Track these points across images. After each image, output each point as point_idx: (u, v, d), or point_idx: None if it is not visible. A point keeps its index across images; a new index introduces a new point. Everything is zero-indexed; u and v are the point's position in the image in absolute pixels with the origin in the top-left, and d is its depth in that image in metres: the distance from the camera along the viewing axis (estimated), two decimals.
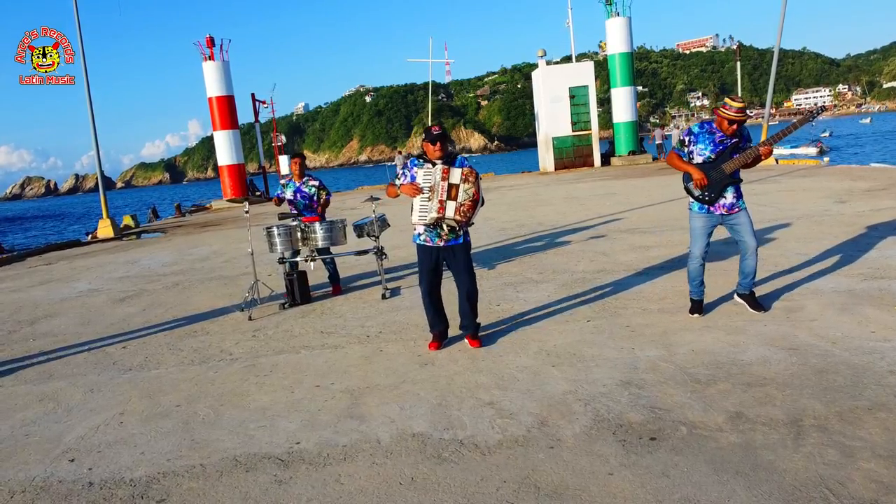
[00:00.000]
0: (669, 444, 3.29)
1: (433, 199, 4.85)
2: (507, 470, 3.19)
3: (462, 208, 4.81)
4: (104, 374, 5.54)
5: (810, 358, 4.24)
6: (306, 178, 7.71)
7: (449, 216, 4.84)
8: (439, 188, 4.84)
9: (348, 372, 4.89)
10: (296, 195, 7.65)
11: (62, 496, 3.41)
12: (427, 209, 4.89)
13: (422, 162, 5.00)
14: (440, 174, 4.84)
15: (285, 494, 3.19)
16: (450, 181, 4.82)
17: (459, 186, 4.80)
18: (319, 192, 7.72)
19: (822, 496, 2.71)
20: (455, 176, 4.82)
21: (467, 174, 4.81)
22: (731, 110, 4.96)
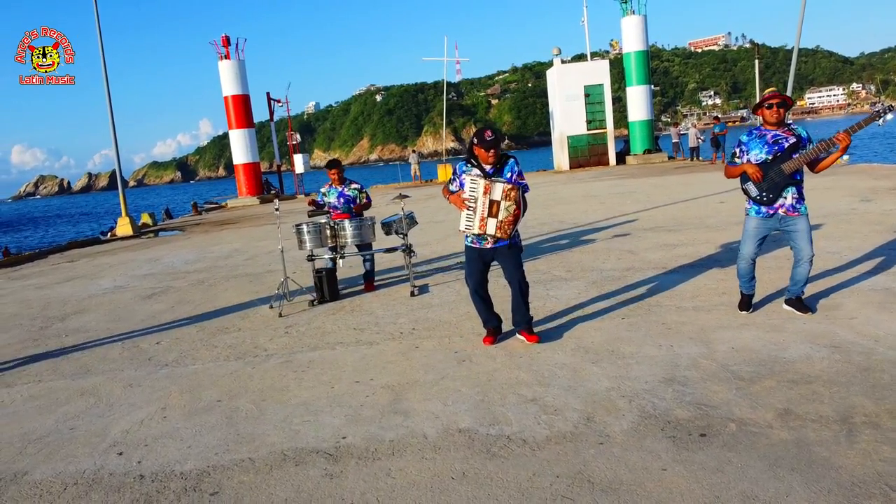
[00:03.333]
0: (720, 440, 3.28)
1: (476, 213, 4.86)
2: (558, 465, 3.20)
3: (503, 225, 4.81)
4: (141, 369, 5.59)
5: (854, 356, 4.21)
6: (348, 182, 7.86)
7: (490, 232, 4.86)
8: (480, 204, 4.84)
9: (386, 368, 4.91)
10: (339, 199, 7.78)
11: (115, 489, 3.45)
12: (472, 221, 4.90)
13: (470, 167, 4.97)
14: (482, 190, 4.84)
15: (338, 488, 3.21)
16: (491, 197, 4.81)
17: (500, 203, 4.79)
18: (360, 194, 7.85)
19: (882, 492, 2.70)
20: (497, 192, 4.80)
21: (508, 191, 4.78)
22: (765, 95, 4.98)
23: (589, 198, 16.36)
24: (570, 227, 11.47)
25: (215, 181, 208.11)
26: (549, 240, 10.27)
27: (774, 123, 5.04)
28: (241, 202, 31.03)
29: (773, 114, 5.00)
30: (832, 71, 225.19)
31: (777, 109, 4.99)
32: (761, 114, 5.09)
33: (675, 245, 8.61)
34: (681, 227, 10.18)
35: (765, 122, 5.11)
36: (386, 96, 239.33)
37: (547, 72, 32.58)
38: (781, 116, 5.05)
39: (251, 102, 32.00)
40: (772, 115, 5.00)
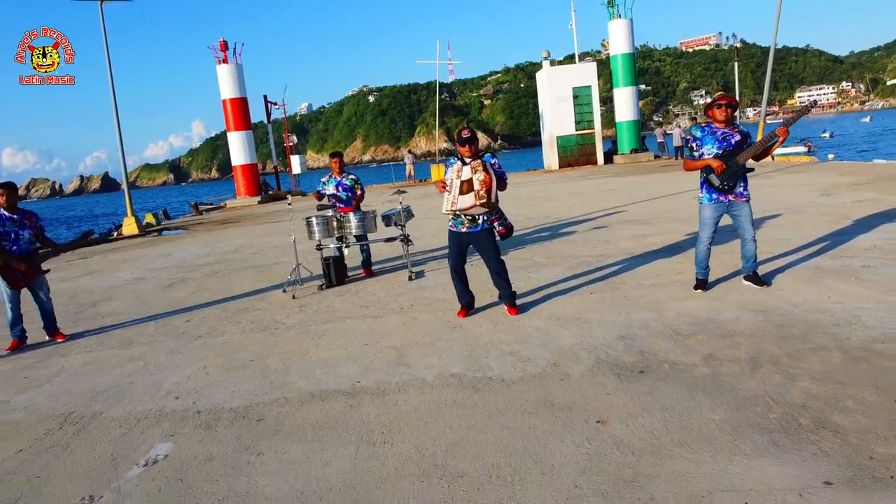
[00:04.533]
0: (654, 375, 4.21)
1: (451, 194, 5.76)
2: (527, 394, 4.12)
3: (479, 194, 5.67)
4: (178, 340, 6.49)
5: (774, 317, 5.15)
6: (346, 173, 8.70)
7: (463, 207, 5.70)
8: (454, 185, 5.74)
9: (390, 334, 5.83)
10: (338, 188, 8.64)
11: (179, 419, 4.36)
12: (446, 202, 5.80)
13: (454, 160, 5.90)
14: (455, 172, 5.75)
15: (357, 413, 4.12)
16: (461, 178, 5.72)
17: (472, 179, 5.68)
18: (356, 185, 8.68)
19: (764, 402, 3.64)
20: (466, 172, 5.71)
21: (475, 166, 5.69)
22: (716, 98, 5.91)
23: (574, 195, 17.31)
24: (554, 221, 12.41)
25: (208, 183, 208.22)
26: (534, 232, 11.20)
27: (723, 122, 5.95)
28: (241, 202, 31.86)
29: (722, 113, 5.91)
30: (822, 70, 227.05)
31: (725, 109, 5.92)
32: (712, 114, 6.00)
33: (647, 235, 9.55)
34: (654, 220, 11.12)
35: (715, 121, 6.02)
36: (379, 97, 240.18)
37: (537, 74, 33.56)
38: (729, 116, 5.96)
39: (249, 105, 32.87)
40: (721, 114, 5.92)
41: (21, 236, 6.71)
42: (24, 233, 6.73)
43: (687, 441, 3.31)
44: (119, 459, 3.84)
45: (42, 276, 6.93)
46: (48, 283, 7.05)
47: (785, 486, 2.82)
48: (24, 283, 6.79)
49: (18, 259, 6.67)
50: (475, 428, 3.73)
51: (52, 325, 7.05)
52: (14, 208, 6.72)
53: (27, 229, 6.76)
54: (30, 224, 6.78)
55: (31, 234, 6.80)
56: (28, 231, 6.75)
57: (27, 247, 6.77)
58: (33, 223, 6.83)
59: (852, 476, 2.85)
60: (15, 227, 6.68)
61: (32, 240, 6.83)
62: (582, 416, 3.73)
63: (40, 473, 3.78)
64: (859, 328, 4.68)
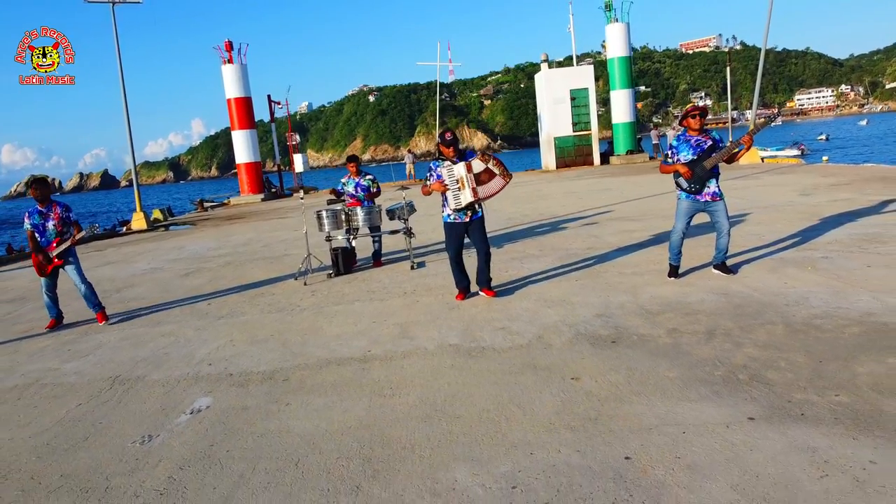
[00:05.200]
0: (624, 344, 4.91)
1: (465, 188, 6.44)
2: (515, 360, 4.81)
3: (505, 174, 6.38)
4: (203, 320, 7.18)
5: (734, 299, 5.85)
6: (363, 173, 9.43)
7: (488, 194, 6.42)
8: (468, 180, 6.43)
9: (395, 314, 6.52)
10: (357, 189, 9.34)
11: (214, 380, 5.05)
12: (460, 196, 6.47)
13: (441, 162, 6.60)
14: (465, 169, 6.43)
15: (366, 374, 4.81)
16: (474, 172, 6.42)
17: (487, 167, 6.38)
18: (373, 184, 9.40)
19: (713, 364, 4.33)
20: (477, 166, 6.41)
21: (482, 157, 6.39)
22: (687, 109, 6.59)
23: (569, 194, 18.01)
24: (548, 218, 13.10)
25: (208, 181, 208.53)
26: (529, 228, 11.90)
27: (697, 130, 6.63)
28: (244, 199, 32.55)
29: (696, 122, 6.59)
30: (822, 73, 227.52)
31: (699, 118, 6.60)
32: (687, 123, 6.67)
33: (633, 230, 10.25)
34: (643, 216, 11.81)
35: (689, 129, 6.71)
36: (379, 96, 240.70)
37: (535, 76, 34.25)
38: (702, 123, 6.64)
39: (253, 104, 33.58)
40: (695, 122, 6.60)
41: (46, 228, 7.34)
42: (49, 224, 7.35)
43: (644, 391, 4.00)
44: (167, 410, 4.54)
45: (72, 265, 7.50)
46: (81, 270, 7.59)
47: (717, 421, 3.51)
48: (50, 270, 7.37)
49: (44, 249, 7.29)
50: (469, 384, 4.42)
51: (94, 306, 7.59)
52: (44, 201, 7.35)
53: (50, 220, 7.36)
54: (53, 216, 7.38)
55: (54, 225, 7.39)
56: (52, 222, 7.37)
57: (51, 238, 7.37)
58: (56, 215, 7.41)
59: (770, 414, 3.54)
60: (42, 220, 7.33)
61: (55, 231, 7.40)
62: (559, 374, 4.43)
63: (101, 420, 4.47)
64: (805, 307, 5.38)
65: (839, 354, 4.30)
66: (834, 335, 4.68)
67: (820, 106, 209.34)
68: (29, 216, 7.32)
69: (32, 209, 7.36)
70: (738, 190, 14.72)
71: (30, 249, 7.48)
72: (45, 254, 7.30)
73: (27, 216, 7.33)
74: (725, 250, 6.79)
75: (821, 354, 4.33)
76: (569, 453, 3.33)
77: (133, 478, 3.55)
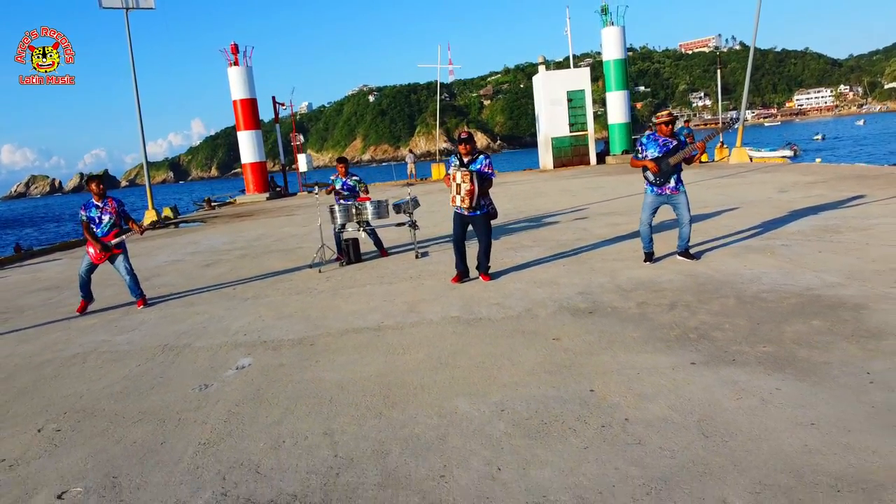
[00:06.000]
0: (599, 314, 5.80)
1: (451, 192, 7.33)
2: (506, 327, 5.70)
3: (464, 197, 7.24)
4: (231, 301, 8.07)
5: (698, 279, 6.74)
6: (350, 174, 10.27)
7: (457, 204, 7.29)
8: (453, 187, 7.31)
9: (403, 294, 7.41)
10: (343, 187, 10.19)
11: (251, 346, 5.93)
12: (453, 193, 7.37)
13: (454, 159, 7.47)
14: (452, 176, 7.29)
15: (381, 339, 5.70)
16: (456, 182, 7.29)
17: (461, 185, 7.26)
18: (359, 184, 10.23)
19: (671, 327, 5.22)
20: (458, 177, 7.26)
21: (464, 175, 7.22)
22: (659, 118, 7.48)
23: (564, 192, 18.90)
24: (542, 213, 13.99)
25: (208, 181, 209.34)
26: (524, 222, 12.78)
27: (667, 133, 7.52)
28: (250, 198, 33.42)
29: (665, 128, 7.49)
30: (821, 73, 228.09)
31: (667, 126, 7.49)
32: (660, 128, 7.57)
33: (620, 224, 11.13)
34: (630, 211, 12.68)
35: (660, 132, 7.60)
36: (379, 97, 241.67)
37: (533, 78, 35.14)
38: (670, 130, 7.53)
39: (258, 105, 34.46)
40: (664, 129, 7.50)
41: (103, 220, 8.23)
42: (105, 217, 8.24)
43: (611, 347, 4.89)
44: (216, 367, 5.42)
45: (120, 255, 8.38)
46: (128, 260, 8.45)
47: (665, 366, 4.40)
48: (105, 259, 8.27)
49: (100, 240, 8.18)
50: (468, 344, 5.31)
51: (136, 293, 8.46)
52: (101, 196, 8.23)
53: (107, 213, 8.26)
54: (110, 209, 8.29)
55: (111, 218, 8.29)
56: (109, 215, 8.26)
57: (107, 230, 8.27)
58: (113, 209, 8.31)
59: (709, 360, 4.43)
60: (99, 213, 8.22)
61: (111, 223, 8.30)
62: (543, 337, 5.31)
63: (161, 376, 5.36)
64: (757, 284, 6.27)
65: (774, 319, 5.19)
66: (775, 305, 5.57)
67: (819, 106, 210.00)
68: (86, 208, 8.19)
69: (89, 202, 8.22)
70: (722, 187, 15.64)
71: (84, 238, 8.38)
72: (102, 244, 8.17)
73: (83, 209, 8.20)
74: (687, 238, 7.68)
75: (760, 319, 5.22)
76: (546, 389, 4.21)
77: (199, 413, 4.44)
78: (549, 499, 2.96)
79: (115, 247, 8.24)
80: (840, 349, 4.42)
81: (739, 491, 2.87)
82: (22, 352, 6.66)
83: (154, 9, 22.76)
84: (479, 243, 7.60)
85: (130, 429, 4.29)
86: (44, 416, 4.69)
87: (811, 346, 4.52)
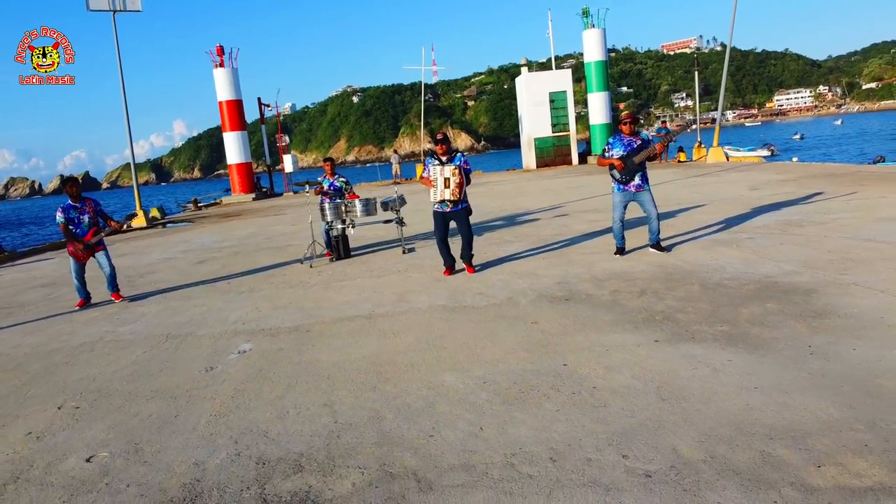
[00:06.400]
0: (575, 301, 6.26)
1: (437, 188, 7.78)
2: (489, 313, 6.15)
3: (454, 190, 7.72)
4: (227, 294, 8.45)
5: (668, 269, 7.23)
6: (337, 175, 10.69)
7: (447, 197, 7.75)
8: (440, 181, 7.76)
9: (392, 285, 7.84)
10: (330, 187, 10.59)
11: (250, 333, 6.34)
12: (435, 193, 7.82)
13: (432, 160, 7.91)
14: (439, 171, 7.75)
15: (372, 325, 6.13)
16: (444, 176, 7.74)
17: (450, 178, 7.72)
18: (346, 186, 10.64)
19: (639, 311, 5.70)
20: (447, 171, 7.72)
21: (453, 170, 7.69)
22: (622, 116, 8.00)
23: (546, 191, 19.40)
24: (525, 211, 14.47)
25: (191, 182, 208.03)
26: (507, 220, 13.25)
27: (628, 133, 8.02)
28: (236, 199, 33.65)
29: (627, 128, 7.99)
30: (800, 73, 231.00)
31: (629, 125, 7.99)
32: (622, 128, 8.07)
33: (597, 220, 11.63)
34: (609, 209, 13.08)
35: (623, 133, 8.09)
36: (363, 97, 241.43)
37: (516, 79, 35.69)
38: (632, 129, 8.03)
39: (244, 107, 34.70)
40: (627, 128, 7.99)
41: (82, 220, 8.56)
42: (84, 217, 8.57)
43: (584, 329, 5.36)
44: (219, 352, 5.82)
45: (102, 250, 8.73)
46: (108, 255, 8.82)
47: (631, 343, 4.87)
48: (88, 257, 8.60)
49: (81, 239, 8.51)
50: (454, 329, 5.76)
51: (113, 287, 8.84)
52: (77, 198, 8.55)
53: (86, 214, 8.58)
54: (88, 210, 8.60)
55: (90, 218, 8.60)
56: (87, 215, 8.57)
57: (86, 229, 8.59)
58: (91, 209, 8.63)
59: (671, 338, 4.91)
60: (77, 214, 8.55)
61: (90, 223, 8.61)
62: (523, 321, 5.77)
63: (168, 360, 5.75)
64: (721, 273, 6.77)
65: (733, 302, 5.69)
66: (735, 291, 6.07)
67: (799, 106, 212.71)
68: (63, 211, 8.50)
69: (66, 205, 8.54)
70: (697, 186, 16.22)
71: (65, 240, 8.73)
72: (84, 243, 8.50)
73: (61, 211, 8.49)
74: (657, 231, 8.19)
75: (720, 303, 5.72)
76: (524, 364, 4.67)
77: (207, 390, 4.85)
78: (524, 450, 3.41)
79: (97, 244, 8.59)
80: (788, 327, 4.92)
81: (688, 440, 3.34)
82: (29, 342, 7.01)
83: (141, 11, 22.98)
84: (462, 237, 8.05)
85: (145, 405, 4.68)
86: (61, 397, 5.07)
87: (763, 325, 5.01)
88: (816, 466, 3.00)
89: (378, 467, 3.39)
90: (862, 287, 5.75)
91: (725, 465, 3.08)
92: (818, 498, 2.77)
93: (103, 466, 3.75)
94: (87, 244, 8.53)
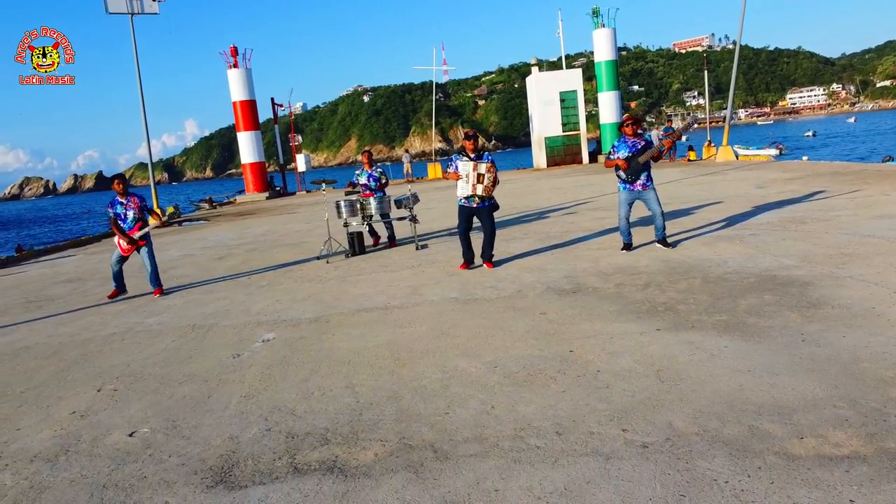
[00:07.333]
0: (582, 293, 6.56)
1: (468, 182, 8.07)
2: (499, 304, 6.46)
3: (487, 187, 8.02)
4: (248, 288, 8.80)
5: (671, 264, 7.51)
6: (375, 165, 11.09)
7: (479, 193, 8.05)
8: (472, 176, 8.06)
9: (406, 280, 8.16)
10: (369, 179, 10.98)
11: (273, 323, 6.68)
12: (465, 188, 8.10)
13: (461, 156, 8.21)
14: (472, 167, 8.06)
15: (389, 316, 6.45)
16: (478, 172, 8.05)
17: (484, 175, 8.02)
18: (382, 175, 11.06)
19: (643, 302, 5.98)
20: (481, 168, 8.03)
21: (488, 167, 8.01)
22: (624, 119, 8.29)
23: (555, 189, 19.68)
24: (534, 209, 14.76)
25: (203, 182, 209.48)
26: (517, 217, 13.55)
27: (631, 134, 8.30)
28: (250, 198, 34.13)
29: (630, 130, 8.27)
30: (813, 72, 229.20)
31: (632, 127, 8.27)
32: (624, 130, 8.35)
33: (605, 218, 11.90)
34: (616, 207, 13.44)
35: (626, 135, 8.36)
36: (373, 97, 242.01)
37: (526, 79, 35.94)
38: (635, 130, 8.31)
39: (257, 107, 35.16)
40: (630, 130, 8.28)
41: (127, 216, 8.96)
42: (129, 212, 8.97)
43: (590, 319, 5.65)
44: (244, 341, 6.16)
45: (145, 246, 9.11)
46: (152, 251, 9.19)
47: (635, 331, 5.17)
48: (132, 251, 8.99)
49: (127, 233, 8.91)
50: (466, 319, 6.07)
51: (156, 282, 9.21)
52: (124, 194, 8.95)
53: (131, 209, 8.99)
54: (133, 205, 9.01)
55: (134, 213, 9.01)
56: (132, 211, 8.98)
57: (132, 224, 8.99)
58: (136, 205, 9.04)
59: (672, 326, 5.20)
60: (124, 209, 8.94)
61: (135, 218, 9.02)
62: (531, 312, 6.08)
63: (197, 348, 6.10)
64: (722, 267, 7.04)
65: (733, 294, 5.97)
66: (735, 283, 6.34)
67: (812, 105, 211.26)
68: (112, 206, 8.93)
69: (114, 200, 8.95)
70: (705, 184, 16.44)
71: (112, 233, 9.13)
72: (129, 237, 8.89)
73: (110, 206, 8.94)
74: (663, 228, 8.46)
75: (720, 295, 5.99)
76: (533, 350, 4.97)
77: (236, 374, 5.19)
78: (532, 426, 3.72)
79: (141, 238, 8.96)
80: (783, 317, 5.19)
81: (683, 416, 3.63)
82: (63, 332, 7.39)
83: (158, 14, 23.44)
84: (485, 233, 8.33)
85: (178, 387, 5.03)
86: (99, 380, 5.42)
87: (759, 315, 5.29)
88: (799, 438, 3.29)
89: (398, 440, 3.71)
90: (856, 280, 6.02)
91: (716, 437, 3.37)
92: (798, 464, 3.06)
93: (145, 440, 4.09)
94: (131, 238, 8.91)
